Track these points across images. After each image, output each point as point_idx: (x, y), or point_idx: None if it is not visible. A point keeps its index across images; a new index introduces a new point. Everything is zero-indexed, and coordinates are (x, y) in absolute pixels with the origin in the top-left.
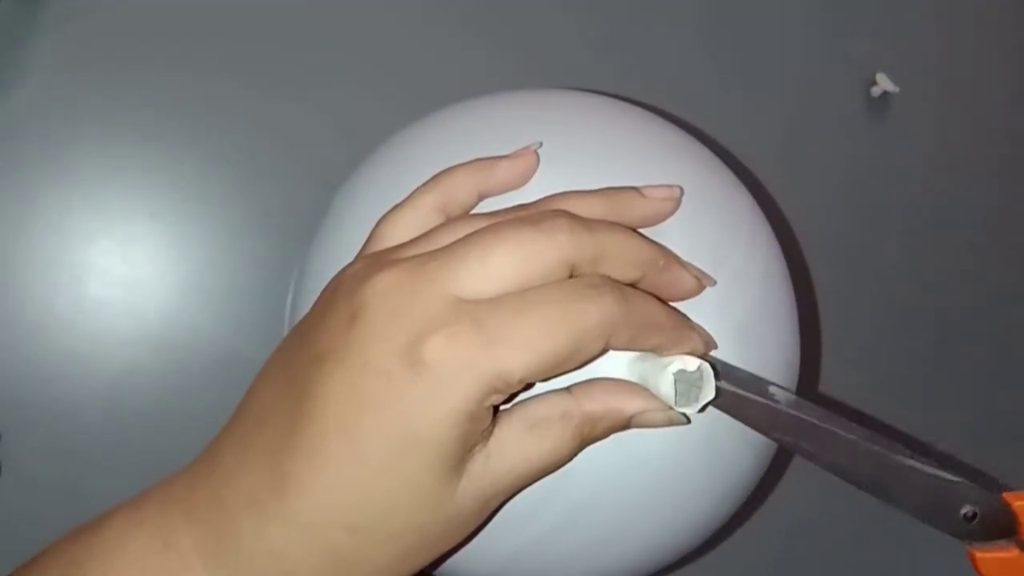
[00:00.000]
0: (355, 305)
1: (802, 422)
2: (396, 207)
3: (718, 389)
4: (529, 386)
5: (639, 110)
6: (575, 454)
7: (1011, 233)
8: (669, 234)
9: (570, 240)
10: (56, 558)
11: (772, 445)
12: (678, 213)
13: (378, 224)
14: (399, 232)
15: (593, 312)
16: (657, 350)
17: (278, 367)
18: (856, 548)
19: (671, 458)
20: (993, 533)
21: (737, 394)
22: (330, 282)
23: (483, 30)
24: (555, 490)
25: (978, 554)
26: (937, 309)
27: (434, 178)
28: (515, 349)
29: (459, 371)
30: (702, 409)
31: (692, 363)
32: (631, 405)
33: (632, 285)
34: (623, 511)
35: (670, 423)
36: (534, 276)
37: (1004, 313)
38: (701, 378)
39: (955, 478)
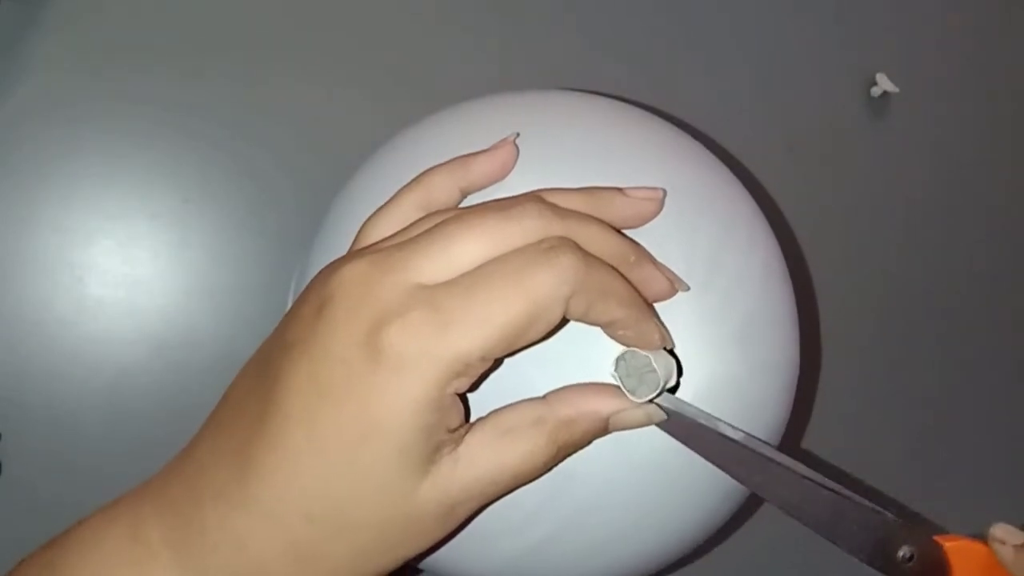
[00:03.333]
0: (323, 296)
1: (755, 456)
2: (379, 209)
3: (675, 419)
4: (498, 363)
5: (637, 110)
6: (552, 462)
7: (1011, 233)
8: (667, 235)
9: (537, 225)
10: (32, 564)
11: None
12: (676, 214)
13: (362, 226)
14: (381, 232)
15: (548, 276)
16: (616, 326)
17: (255, 359)
18: None
19: (672, 460)
20: (929, 574)
21: (695, 424)
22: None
23: (482, 31)
24: (557, 494)
25: None
26: (937, 309)
27: (416, 178)
28: (469, 327)
29: (416, 358)
30: (656, 397)
31: (640, 351)
32: (605, 405)
33: None
34: (625, 514)
35: (648, 419)
36: None
37: (1005, 311)
38: (651, 364)
39: (893, 517)
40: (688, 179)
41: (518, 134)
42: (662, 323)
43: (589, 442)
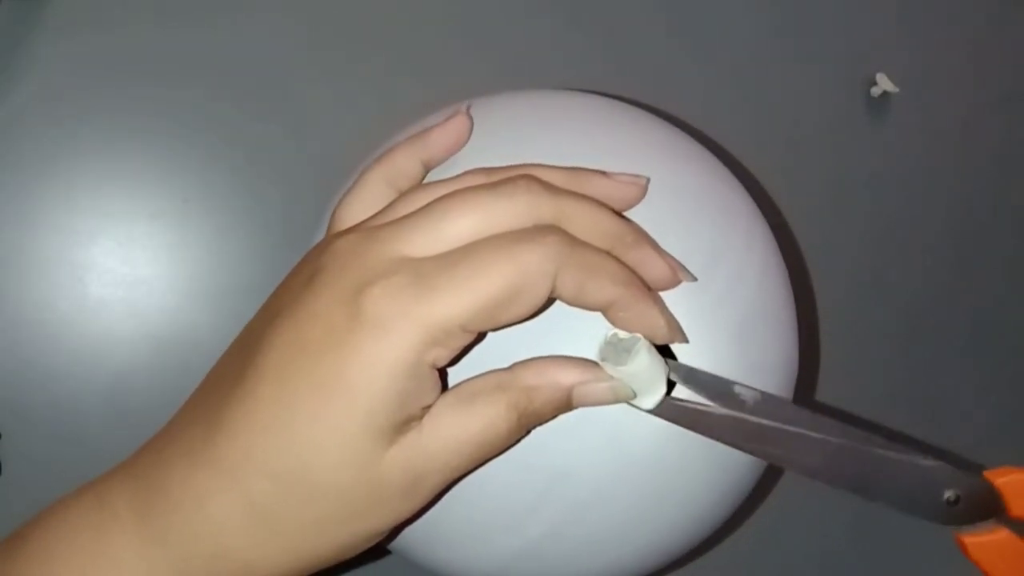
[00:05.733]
0: (315, 267)
1: (766, 428)
2: (348, 191)
3: (673, 405)
4: (480, 338)
5: (636, 110)
6: (515, 432)
7: (1011, 234)
8: (665, 235)
9: (528, 201)
10: (8, 539)
11: None
12: (674, 213)
13: (335, 209)
14: (355, 213)
15: (534, 250)
16: (614, 308)
17: (242, 333)
18: (856, 546)
19: (671, 458)
20: (979, 515)
21: (697, 410)
22: None
23: (482, 30)
24: (555, 491)
25: (967, 539)
26: (936, 310)
27: (379, 158)
28: (450, 295)
29: (395, 320)
30: (641, 376)
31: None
32: (568, 375)
33: None
34: (623, 511)
35: (614, 396)
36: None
37: (1003, 312)
38: (636, 344)
39: (933, 462)
40: (686, 178)
41: (469, 105)
42: (671, 315)
43: (553, 414)
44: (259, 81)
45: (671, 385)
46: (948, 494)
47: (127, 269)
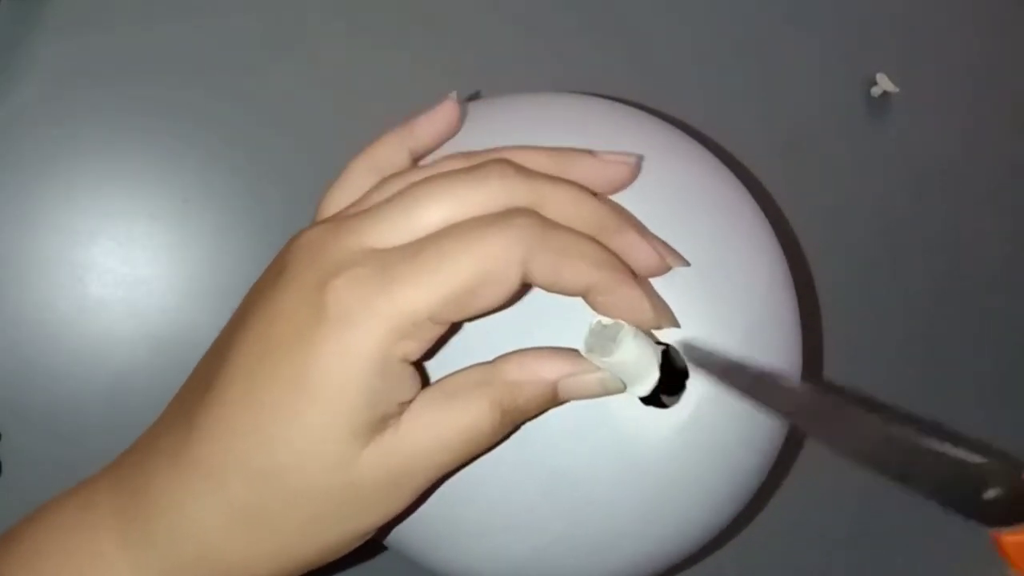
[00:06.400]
0: (281, 263)
1: (823, 403)
2: (333, 182)
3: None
4: (454, 329)
5: (638, 111)
6: (500, 429)
7: (1011, 234)
8: (666, 237)
9: (502, 186)
10: (0, 537)
11: (776, 447)
12: (677, 216)
13: (320, 202)
14: (338, 203)
15: (500, 234)
16: (594, 292)
17: (220, 334)
18: (858, 550)
19: (675, 460)
20: (1018, 517)
21: (756, 376)
22: None
23: (483, 31)
24: (556, 491)
25: (1005, 538)
26: (938, 310)
27: (366, 148)
28: (415, 285)
29: (360, 313)
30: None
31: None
32: (552, 369)
33: None
34: (626, 513)
35: (603, 388)
36: None
37: (1005, 312)
38: (619, 331)
39: (979, 459)
40: (689, 180)
41: (456, 92)
42: (659, 298)
43: (539, 410)
44: (259, 81)
45: (685, 375)
46: (990, 493)
47: (127, 269)
